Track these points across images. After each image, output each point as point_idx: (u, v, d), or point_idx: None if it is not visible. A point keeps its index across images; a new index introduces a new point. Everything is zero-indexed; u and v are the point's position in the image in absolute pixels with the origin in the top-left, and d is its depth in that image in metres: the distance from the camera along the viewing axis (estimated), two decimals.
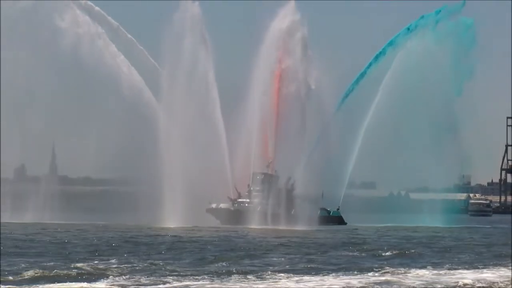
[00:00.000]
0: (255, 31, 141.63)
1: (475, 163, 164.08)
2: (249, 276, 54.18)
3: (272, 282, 50.78)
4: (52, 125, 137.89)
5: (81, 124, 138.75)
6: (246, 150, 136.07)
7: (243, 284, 50.05)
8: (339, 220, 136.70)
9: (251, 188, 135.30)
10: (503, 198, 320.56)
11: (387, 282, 50.97)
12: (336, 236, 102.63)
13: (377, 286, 49.99)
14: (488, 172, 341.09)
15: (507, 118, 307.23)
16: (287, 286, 49.02)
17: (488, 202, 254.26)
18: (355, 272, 55.54)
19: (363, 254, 73.53)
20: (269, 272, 55.45)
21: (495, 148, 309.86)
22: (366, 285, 50.12)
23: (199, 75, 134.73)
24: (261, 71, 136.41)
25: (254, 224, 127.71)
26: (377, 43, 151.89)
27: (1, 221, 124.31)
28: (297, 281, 51.01)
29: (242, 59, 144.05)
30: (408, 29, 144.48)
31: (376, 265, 61.73)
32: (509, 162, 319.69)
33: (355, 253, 73.81)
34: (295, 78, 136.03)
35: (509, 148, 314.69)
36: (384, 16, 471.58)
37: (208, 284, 49.64)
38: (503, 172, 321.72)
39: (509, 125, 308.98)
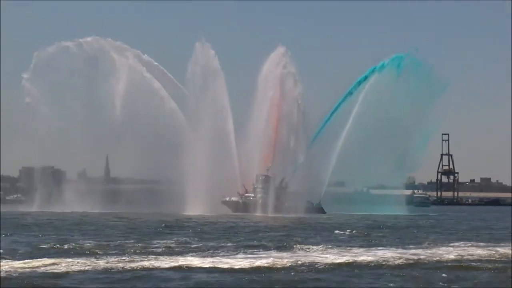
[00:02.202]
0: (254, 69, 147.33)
1: (418, 167, 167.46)
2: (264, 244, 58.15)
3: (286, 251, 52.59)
4: (107, 140, 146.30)
5: (128, 138, 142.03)
6: (251, 158, 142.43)
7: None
8: (321, 210, 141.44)
9: (255, 186, 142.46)
10: (439, 193, 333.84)
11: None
12: (318, 221, 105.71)
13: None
14: (428, 174, 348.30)
15: (442, 134, 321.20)
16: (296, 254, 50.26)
17: (427, 196, 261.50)
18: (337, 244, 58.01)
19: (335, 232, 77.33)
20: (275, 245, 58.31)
21: (434, 156, 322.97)
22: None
23: (217, 100, 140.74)
24: (263, 102, 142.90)
25: (257, 213, 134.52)
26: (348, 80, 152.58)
27: (73, 210, 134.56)
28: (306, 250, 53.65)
29: (249, 89, 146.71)
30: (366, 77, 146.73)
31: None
32: (444, 167, 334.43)
33: (334, 232, 76.84)
34: (288, 110, 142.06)
35: (443, 156, 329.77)
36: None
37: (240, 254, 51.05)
38: (439, 174, 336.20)
39: (444, 140, 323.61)
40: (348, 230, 79.04)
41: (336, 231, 77.51)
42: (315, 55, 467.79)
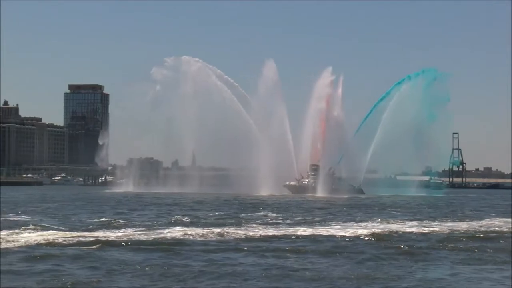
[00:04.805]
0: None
1: (435, 159, 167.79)
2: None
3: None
4: (195, 136, 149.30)
5: (214, 136, 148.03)
6: (305, 151, 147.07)
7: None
8: (361, 191, 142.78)
9: (308, 173, 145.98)
10: (450, 179, 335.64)
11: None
12: (360, 201, 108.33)
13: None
14: (442, 164, 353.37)
15: (453, 133, 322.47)
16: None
17: (441, 181, 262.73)
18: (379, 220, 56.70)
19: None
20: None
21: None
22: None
23: (276, 104, 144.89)
24: (314, 106, 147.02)
25: (310, 193, 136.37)
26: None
27: (172, 191, 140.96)
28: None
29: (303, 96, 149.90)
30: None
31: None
32: (454, 158, 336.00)
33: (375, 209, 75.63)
34: (332, 114, 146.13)
35: (454, 150, 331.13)
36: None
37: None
38: (451, 164, 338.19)
39: (454, 137, 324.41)
40: (397, 208, 77.95)
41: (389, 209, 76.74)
42: (358, 66, 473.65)
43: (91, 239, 36.27)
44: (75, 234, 38.76)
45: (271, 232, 42.54)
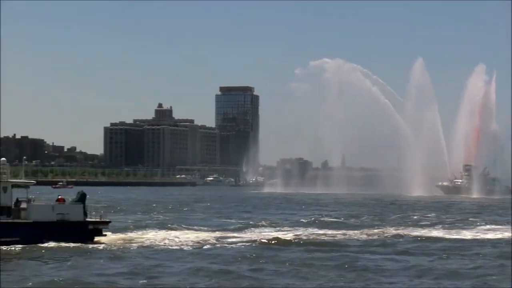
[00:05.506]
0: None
1: None
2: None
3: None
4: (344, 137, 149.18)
5: (364, 136, 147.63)
6: (457, 150, 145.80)
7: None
8: None
9: (462, 174, 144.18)
10: None
11: None
12: None
13: None
14: None
15: None
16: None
17: None
18: None
19: None
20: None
21: None
22: None
23: (427, 103, 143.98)
24: (466, 105, 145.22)
25: (463, 194, 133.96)
26: None
27: (316, 192, 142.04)
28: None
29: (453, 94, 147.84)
30: None
31: None
32: None
33: None
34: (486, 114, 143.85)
35: None
36: None
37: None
38: None
39: None
40: None
41: None
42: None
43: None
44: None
45: None
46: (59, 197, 39.19)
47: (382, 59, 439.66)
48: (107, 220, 38.95)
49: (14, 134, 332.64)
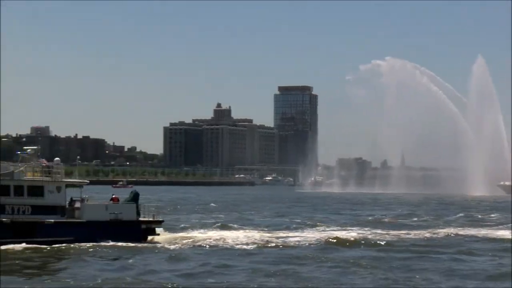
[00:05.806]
0: None
1: None
2: None
3: None
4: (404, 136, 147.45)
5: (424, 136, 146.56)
6: None
7: None
8: None
9: None
10: None
11: None
12: None
13: None
14: None
15: None
16: None
17: None
18: None
19: None
20: None
21: None
22: None
23: (488, 102, 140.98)
24: None
25: None
26: None
27: (375, 191, 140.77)
28: None
29: None
30: None
31: None
32: None
33: None
34: None
35: None
36: None
37: None
38: None
39: None
40: None
41: None
42: None
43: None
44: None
45: None
46: (113, 196, 39.40)
47: (441, 57, 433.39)
48: (160, 219, 39.05)
49: (76, 134, 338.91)
